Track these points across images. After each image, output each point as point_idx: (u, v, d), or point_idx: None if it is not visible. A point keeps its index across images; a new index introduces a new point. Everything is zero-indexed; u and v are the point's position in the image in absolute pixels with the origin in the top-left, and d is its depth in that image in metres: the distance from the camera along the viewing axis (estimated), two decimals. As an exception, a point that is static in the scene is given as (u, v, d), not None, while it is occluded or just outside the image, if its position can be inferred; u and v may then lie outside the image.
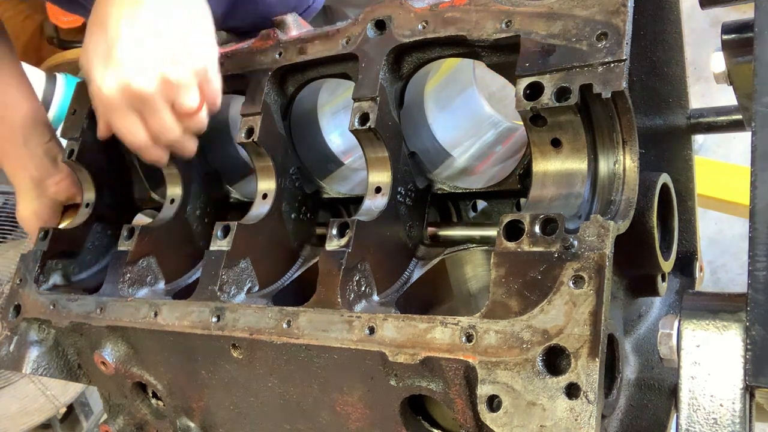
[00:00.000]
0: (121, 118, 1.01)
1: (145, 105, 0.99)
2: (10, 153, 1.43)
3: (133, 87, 0.96)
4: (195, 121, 1.06)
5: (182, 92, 0.99)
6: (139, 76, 0.96)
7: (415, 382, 0.83)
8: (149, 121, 1.02)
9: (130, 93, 0.97)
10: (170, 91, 0.98)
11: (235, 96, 1.28)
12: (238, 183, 1.36)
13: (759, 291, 0.65)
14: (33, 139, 1.38)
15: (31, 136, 1.38)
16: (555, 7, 0.85)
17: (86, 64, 1.01)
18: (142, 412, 1.20)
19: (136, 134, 1.03)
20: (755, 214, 0.67)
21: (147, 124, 1.02)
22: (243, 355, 0.95)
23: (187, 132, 1.08)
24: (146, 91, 0.97)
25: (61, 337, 1.22)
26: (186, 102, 1.01)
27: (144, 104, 0.99)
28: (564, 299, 0.73)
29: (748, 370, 0.65)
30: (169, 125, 1.03)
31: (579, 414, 0.68)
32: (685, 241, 1.21)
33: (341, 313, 0.87)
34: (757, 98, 0.71)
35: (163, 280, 1.20)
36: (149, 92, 0.97)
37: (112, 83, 0.97)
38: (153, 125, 1.02)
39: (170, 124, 1.03)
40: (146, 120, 1.02)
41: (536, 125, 0.86)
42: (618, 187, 0.86)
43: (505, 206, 1.11)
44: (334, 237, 0.94)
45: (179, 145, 1.09)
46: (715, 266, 2.96)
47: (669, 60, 1.05)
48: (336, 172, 1.28)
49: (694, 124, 1.14)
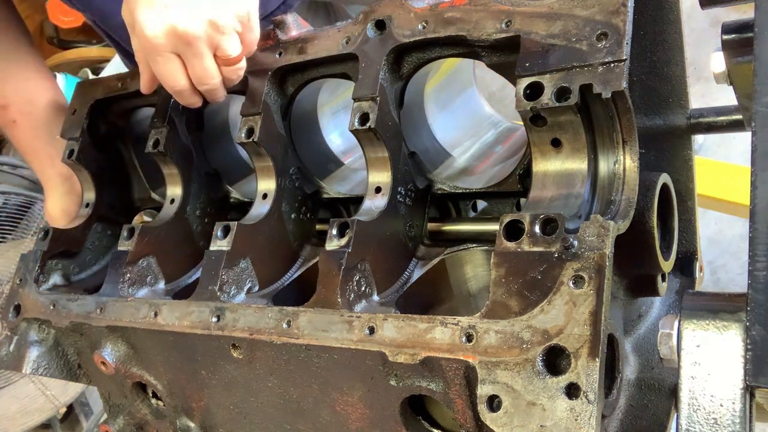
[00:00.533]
0: (164, 62, 1.02)
1: (190, 48, 1.00)
2: (39, 150, 1.44)
3: (180, 29, 0.97)
4: (234, 70, 1.07)
5: (226, 38, 1.01)
6: (186, 19, 0.97)
7: (415, 382, 0.83)
8: (192, 66, 1.03)
9: (176, 35, 0.98)
10: (215, 35, 0.99)
11: (235, 96, 1.28)
12: (238, 183, 1.36)
13: (759, 291, 0.65)
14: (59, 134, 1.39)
15: (57, 130, 1.38)
16: (555, 7, 0.85)
17: (129, 12, 1.01)
18: (142, 412, 1.20)
19: (177, 79, 1.04)
20: (755, 214, 0.67)
21: (189, 69, 1.03)
22: (243, 355, 0.95)
23: (225, 80, 1.08)
24: (192, 34, 0.97)
25: (61, 337, 1.22)
26: (229, 48, 1.02)
27: (188, 47, 0.99)
28: (564, 299, 0.73)
29: (748, 370, 0.65)
30: (211, 71, 1.03)
31: (579, 414, 0.68)
32: (685, 241, 1.21)
33: (341, 313, 0.87)
34: (757, 98, 0.71)
35: (163, 280, 1.20)
36: (195, 35, 0.98)
37: (158, 25, 0.97)
38: (196, 70, 1.03)
39: (212, 70, 1.03)
40: (189, 64, 1.03)
41: (536, 125, 0.86)
42: (618, 187, 0.86)
43: (505, 206, 1.11)
44: (334, 237, 0.94)
45: (216, 93, 1.09)
46: (715, 266, 2.96)
47: (669, 60, 1.05)
48: (336, 172, 1.28)
49: (694, 124, 1.14)
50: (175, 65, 1.03)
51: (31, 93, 1.43)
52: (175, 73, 1.04)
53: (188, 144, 1.26)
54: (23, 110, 1.43)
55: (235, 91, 1.23)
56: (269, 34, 1.17)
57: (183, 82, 1.05)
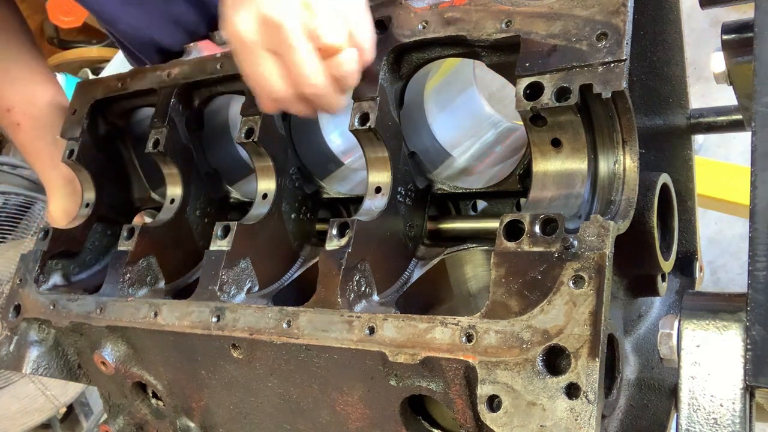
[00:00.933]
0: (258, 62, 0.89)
1: (284, 41, 0.85)
2: (41, 151, 1.43)
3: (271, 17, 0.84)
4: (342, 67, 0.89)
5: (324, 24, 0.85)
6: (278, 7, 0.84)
7: (415, 382, 0.83)
8: (289, 64, 0.88)
9: (268, 26, 0.85)
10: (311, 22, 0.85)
11: (235, 96, 1.28)
12: (238, 183, 1.36)
13: (759, 291, 0.65)
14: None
15: (59, 131, 1.36)
16: (555, 7, 0.85)
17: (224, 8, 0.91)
18: (142, 412, 1.20)
19: (274, 81, 0.89)
20: (755, 214, 0.67)
21: (287, 68, 0.88)
22: (243, 355, 0.95)
23: (335, 83, 0.92)
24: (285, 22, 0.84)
25: (61, 337, 1.22)
26: (328, 35, 0.86)
27: (283, 40, 0.85)
28: (564, 299, 0.73)
29: (748, 370, 0.65)
30: (312, 68, 0.88)
31: (579, 414, 0.68)
32: (685, 241, 1.21)
33: (341, 313, 0.87)
34: (757, 98, 0.71)
35: (163, 280, 1.20)
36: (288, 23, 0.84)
37: (250, 19, 0.86)
38: (293, 67, 0.88)
39: (312, 66, 0.88)
40: (286, 63, 0.88)
41: (536, 125, 0.86)
42: (618, 187, 0.86)
43: (505, 206, 1.11)
44: (334, 237, 0.94)
45: (324, 99, 0.92)
46: (715, 266, 2.96)
47: (669, 60, 1.05)
48: (336, 172, 1.28)
49: (694, 124, 1.14)
50: (272, 65, 0.88)
51: (34, 95, 1.41)
52: (271, 75, 0.88)
53: (188, 144, 1.26)
54: (26, 112, 1.41)
55: (235, 91, 1.24)
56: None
57: (281, 84, 0.89)
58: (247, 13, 0.86)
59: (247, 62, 0.90)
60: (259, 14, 0.85)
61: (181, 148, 1.25)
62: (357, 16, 0.89)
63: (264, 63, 0.89)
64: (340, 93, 0.94)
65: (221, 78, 1.22)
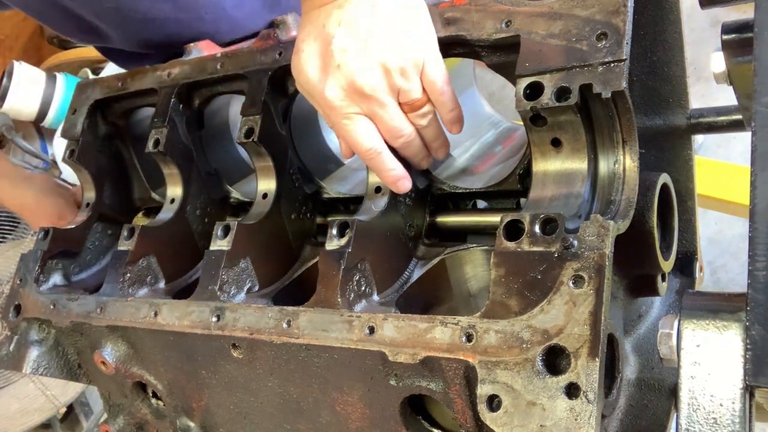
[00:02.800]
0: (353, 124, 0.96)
1: (372, 101, 0.93)
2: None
3: (358, 83, 0.92)
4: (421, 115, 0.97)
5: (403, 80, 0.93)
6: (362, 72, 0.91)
7: (415, 381, 0.83)
8: (379, 121, 0.96)
9: (355, 90, 0.92)
10: (392, 80, 0.92)
11: (235, 96, 1.28)
12: (238, 183, 1.36)
13: (759, 291, 0.65)
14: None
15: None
16: (555, 7, 0.85)
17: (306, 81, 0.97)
18: (142, 411, 1.20)
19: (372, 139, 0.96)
20: (755, 214, 0.67)
21: (379, 124, 0.97)
22: (243, 355, 0.95)
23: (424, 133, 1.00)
24: (371, 85, 0.92)
25: (61, 337, 1.22)
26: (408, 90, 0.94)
27: (371, 101, 0.93)
28: (564, 299, 0.73)
29: (748, 370, 0.65)
30: (399, 121, 0.96)
31: (579, 414, 0.68)
32: (685, 241, 1.21)
33: (341, 313, 0.87)
34: (757, 98, 0.71)
35: (163, 280, 1.20)
36: (373, 85, 0.92)
37: (337, 87, 0.93)
38: (384, 123, 0.96)
39: (400, 120, 0.96)
40: (377, 120, 0.96)
41: (536, 125, 0.86)
42: (618, 186, 0.86)
43: (505, 206, 1.11)
44: (334, 237, 0.94)
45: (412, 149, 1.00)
46: (715, 266, 2.96)
47: (669, 60, 1.05)
48: (336, 172, 1.28)
49: (694, 124, 1.14)
50: (367, 125, 0.96)
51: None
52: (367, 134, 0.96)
53: (188, 144, 1.26)
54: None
55: (235, 91, 1.24)
56: (269, 34, 1.17)
57: (377, 142, 0.96)
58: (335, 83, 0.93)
59: (343, 127, 0.97)
60: (346, 82, 0.92)
61: (181, 148, 1.25)
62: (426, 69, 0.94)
63: (360, 123, 0.96)
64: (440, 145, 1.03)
65: (221, 78, 1.22)
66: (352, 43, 0.91)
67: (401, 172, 0.99)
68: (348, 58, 0.92)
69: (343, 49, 0.92)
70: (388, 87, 0.93)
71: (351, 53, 0.92)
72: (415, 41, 0.93)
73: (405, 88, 0.94)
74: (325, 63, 0.94)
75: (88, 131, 1.34)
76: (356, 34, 0.91)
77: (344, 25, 0.92)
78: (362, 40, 0.91)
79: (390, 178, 0.99)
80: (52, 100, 2.90)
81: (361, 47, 0.91)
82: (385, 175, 0.99)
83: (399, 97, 0.95)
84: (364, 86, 0.92)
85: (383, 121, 0.96)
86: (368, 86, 0.92)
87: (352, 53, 0.92)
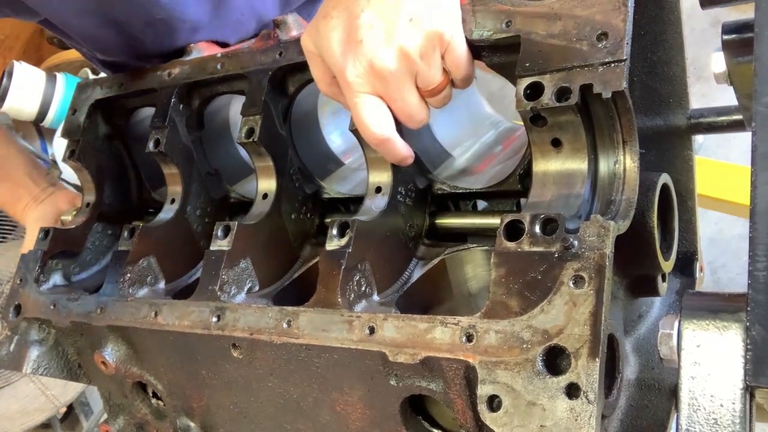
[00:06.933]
0: (365, 104, 0.93)
1: (389, 84, 0.91)
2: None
3: (377, 65, 0.89)
4: (440, 99, 0.96)
5: (423, 64, 0.91)
6: (382, 53, 0.89)
7: (415, 382, 0.83)
8: (394, 103, 0.93)
9: (373, 70, 0.90)
10: (412, 64, 0.90)
11: (236, 96, 1.28)
12: (238, 183, 1.36)
13: (759, 291, 0.65)
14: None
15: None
16: (555, 7, 0.85)
17: (326, 49, 0.94)
18: (142, 411, 1.20)
19: (382, 124, 0.94)
20: (755, 214, 0.67)
21: (392, 107, 0.94)
22: (243, 355, 0.96)
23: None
24: (388, 68, 0.89)
25: (61, 337, 1.22)
26: (425, 74, 0.91)
27: (387, 83, 0.91)
28: (564, 299, 0.73)
29: (748, 370, 0.65)
30: (415, 106, 0.94)
31: (579, 414, 0.68)
32: (685, 241, 1.21)
33: (341, 313, 0.87)
34: (757, 98, 0.71)
35: (164, 280, 1.20)
36: (392, 68, 0.89)
37: (357, 64, 0.91)
38: (398, 107, 0.94)
39: (415, 104, 0.94)
40: (391, 103, 0.94)
41: (536, 125, 0.86)
42: (618, 187, 0.86)
43: (505, 206, 1.11)
44: (335, 237, 0.94)
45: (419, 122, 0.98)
46: (715, 266, 2.96)
47: (669, 60, 1.05)
48: (336, 172, 1.28)
49: (695, 124, 1.14)
50: (378, 107, 0.93)
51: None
52: (378, 118, 0.93)
53: (188, 144, 1.26)
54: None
55: (235, 91, 1.24)
56: (269, 34, 1.17)
57: (387, 129, 0.94)
58: (355, 65, 0.91)
59: (354, 106, 0.95)
60: (366, 64, 0.90)
61: (181, 148, 1.25)
62: (450, 39, 0.92)
63: (378, 108, 0.94)
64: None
65: (221, 78, 1.22)
66: (377, 20, 0.89)
67: (407, 153, 0.99)
68: (371, 35, 0.89)
69: (369, 25, 0.90)
70: (407, 71, 0.91)
71: (375, 30, 0.89)
72: (444, 15, 0.91)
73: (424, 73, 0.92)
74: (348, 36, 0.91)
75: (88, 131, 1.34)
76: (382, 10, 0.89)
77: (363, 1, 0.90)
78: (388, 17, 0.89)
79: (395, 160, 1.00)
80: (52, 100, 2.90)
81: (386, 25, 0.89)
82: (390, 157, 0.99)
83: (417, 81, 0.93)
84: (382, 68, 0.90)
85: (397, 105, 0.94)
86: (386, 69, 0.90)
87: (375, 31, 0.89)
